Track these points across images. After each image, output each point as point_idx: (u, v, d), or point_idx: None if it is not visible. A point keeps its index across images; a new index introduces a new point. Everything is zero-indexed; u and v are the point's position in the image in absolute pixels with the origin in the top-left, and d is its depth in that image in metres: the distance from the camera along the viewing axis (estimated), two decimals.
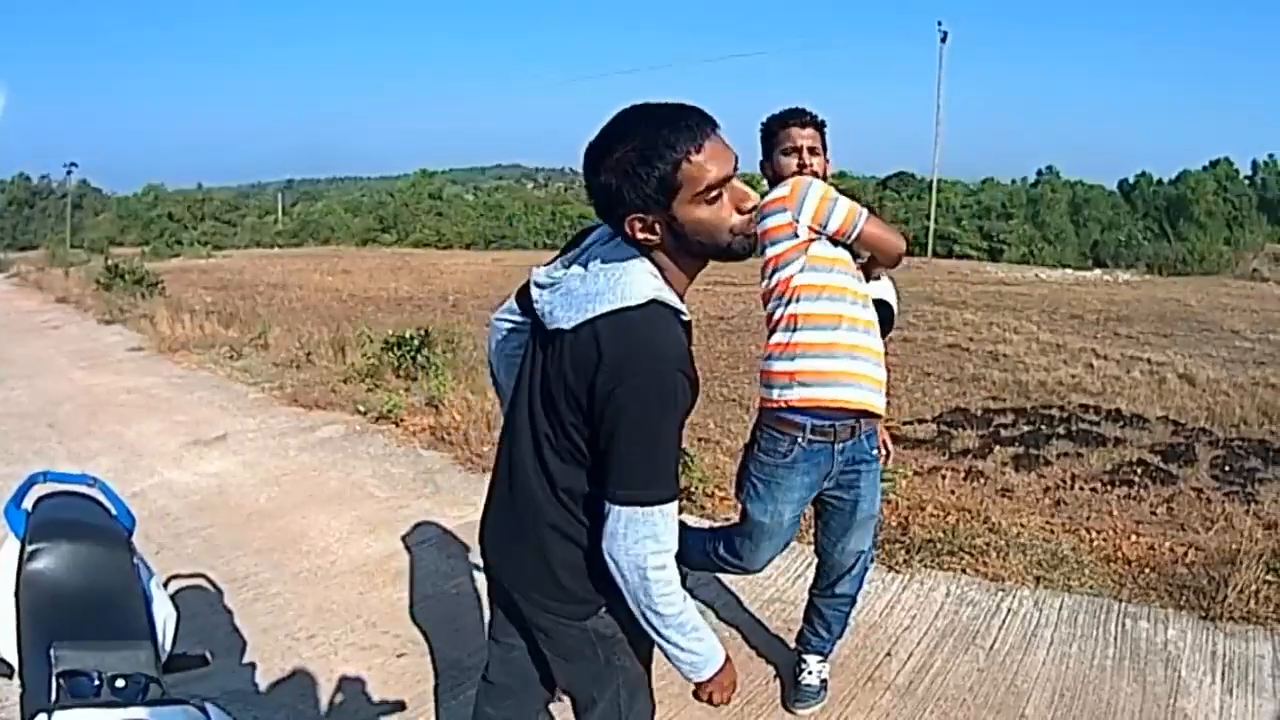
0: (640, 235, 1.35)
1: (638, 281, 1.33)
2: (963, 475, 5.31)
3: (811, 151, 2.42)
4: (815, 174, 2.38)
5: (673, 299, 1.36)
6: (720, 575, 3.32)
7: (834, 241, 2.33)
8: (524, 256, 26.24)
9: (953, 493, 4.64)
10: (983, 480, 5.27)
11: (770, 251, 2.38)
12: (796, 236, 2.32)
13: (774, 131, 2.44)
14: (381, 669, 2.89)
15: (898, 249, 2.41)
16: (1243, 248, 30.63)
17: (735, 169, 1.34)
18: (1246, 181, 49.11)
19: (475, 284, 16.55)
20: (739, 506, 2.56)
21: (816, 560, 2.66)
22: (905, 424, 6.72)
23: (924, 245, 31.36)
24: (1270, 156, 51.26)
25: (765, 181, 2.51)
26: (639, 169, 1.28)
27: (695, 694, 1.53)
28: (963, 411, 7.25)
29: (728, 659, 1.48)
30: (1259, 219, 44.69)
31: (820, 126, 2.47)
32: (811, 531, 2.80)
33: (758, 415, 2.45)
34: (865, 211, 2.32)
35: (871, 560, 2.74)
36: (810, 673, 2.69)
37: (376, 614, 3.25)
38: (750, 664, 2.96)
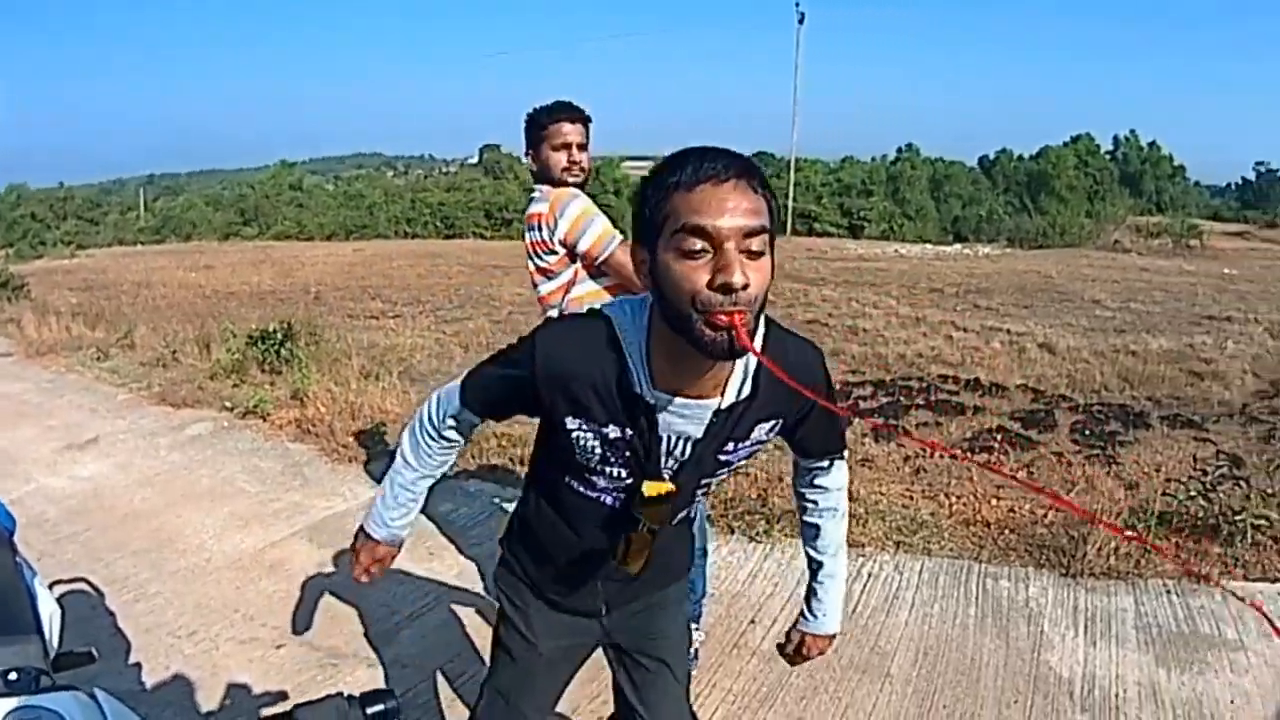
0: (642, 278, 1.48)
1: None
2: None
3: (580, 147, 3.00)
4: (583, 169, 2.99)
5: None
6: None
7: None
8: (384, 246, 28.84)
9: None
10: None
11: (535, 264, 3.04)
12: (554, 253, 2.97)
13: (543, 125, 2.99)
14: (262, 661, 3.43)
15: (639, 283, 2.86)
16: (1103, 220, 34.52)
17: (744, 236, 1.34)
18: (1108, 156, 56.25)
19: (336, 275, 17.72)
20: None
21: None
22: None
23: (784, 224, 33.79)
24: (1132, 132, 59.49)
25: (531, 175, 3.09)
26: (643, 190, 1.42)
27: (797, 650, 2.07)
28: None
29: None
30: (1120, 192, 51.00)
31: (587, 121, 3.04)
32: None
33: None
34: (619, 237, 2.92)
35: (707, 516, 3.47)
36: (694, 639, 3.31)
37: (254, 607, 3.83)
38: None
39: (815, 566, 1.96)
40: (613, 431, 1.60)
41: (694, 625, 3.25)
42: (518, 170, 49.65)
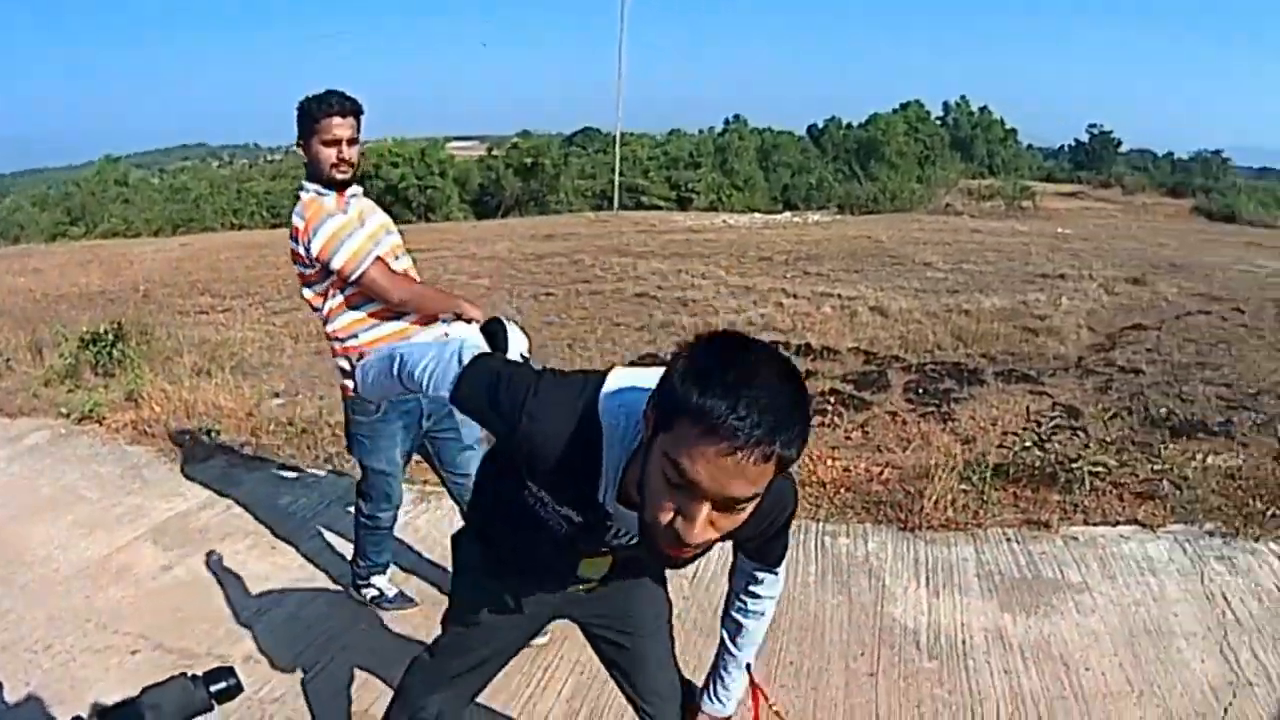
0: (648, 430, 1.52)
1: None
2: None
3: (350, 142, 3.29)
4: (351, 164, 3.30)
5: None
6: None
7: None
8: (211, 239, 27.88)
9: None
10: None
11: (297, 269, 3.39)
12: (310, 266, 3.29)
13: (315, 118, 3.25)
14: (119, 668, 3.59)
15: (391, 299, 3.35)
16: (935, 184, 36.38)
17: (736, 497, 1.41)
18: (939, 122, 59.60)
19: (165, 271, 17.62)
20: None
21: (450, 491, 3.85)
22: None
23: (611, 200, 35.15)
24: (963, 97, 63.24)
25: (304, 165, 3.39)
26: (680, 377, 1.42)
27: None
28: (653, 358, 8.44)
29: None
30: (951, 157, 54.02)
31: (359, 114, 3.34)
32: None
33: (342, 391, 3.56)
34: (372, 257, 3.27)
35: None
36: None
37: (105, 615, 3.98)
38: None
39: (728, 656, 2.25)
40: (565, 510, 1.82)
41: None
42: None
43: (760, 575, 2.12)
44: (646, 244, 17.23)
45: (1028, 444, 5.41)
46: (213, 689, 1.56)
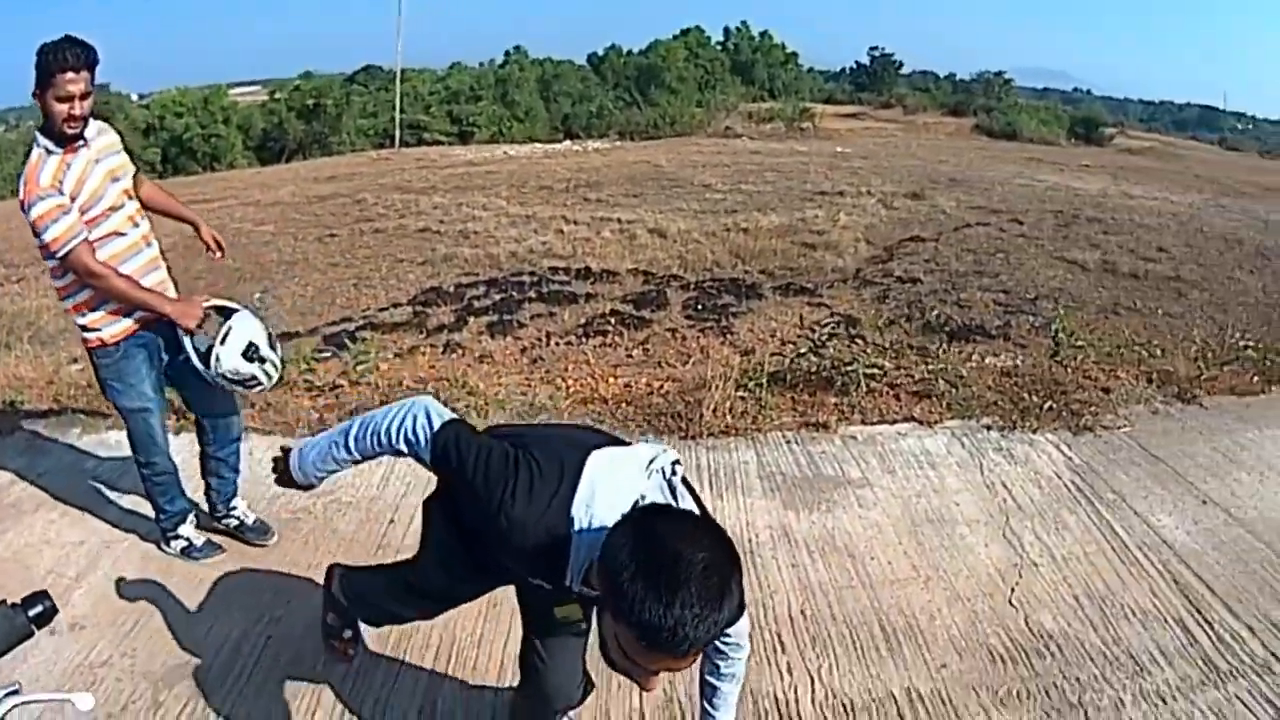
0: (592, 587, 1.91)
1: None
2: (441, 349, 6.59)
3: (83, 97, 3.31)
4: (82, 118, 3.34)
5: None
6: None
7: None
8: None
9: (432, 367, 5.92)
10: (461, 351, 6.55)
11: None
12: (38, 236, 3.34)
13: (50, 72, 3.26)
14: None
15: (87, 276, 3.42)
16: (715, 108, 37.08)
17: (683, 668, 1.77)
18: (719, 47, 60.66)
19: None
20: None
21: (199, 431, 3.91)
22: (381, 310, 8.05)
23: (393, 138, 34.63)
24: (743, 22, 64.37)
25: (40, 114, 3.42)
26: (629, 595, 1.64)
27: None
28: (436, 290, 8.61)
29: None
30: (732, 81, 55.08)
31: (93, 66, 3.35)
32: None
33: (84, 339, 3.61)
34: (79, 240, 3.34)
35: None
36: (244, 513, 4.04)
37: None
38: None
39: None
40: (534, 580, 2.10)
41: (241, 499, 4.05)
42: (128, 110, 45.51)
43: (725, 645, 2.29)
44: (428, 179, 17.09)
45: (803, 351, 5.68)
46: (31, 614, 1.65)
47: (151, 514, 3.89)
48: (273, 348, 3.46)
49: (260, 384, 3.48)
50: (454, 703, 3.07)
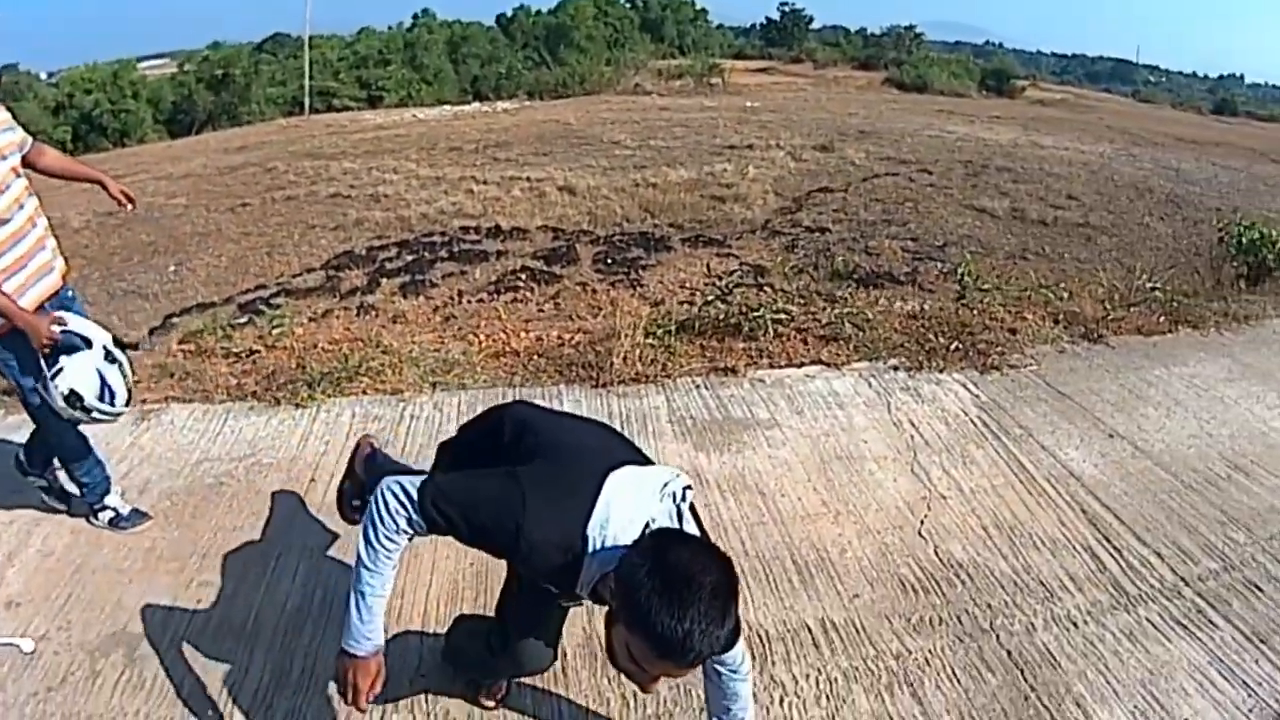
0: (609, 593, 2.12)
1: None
2: (355, 312, 6.59)
3: None
4: None
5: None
6: None
7: None
8: None
9: (347, 329, 5.95)
10: (375, 313, 6.55)
11: None
12: None
13: None
14: None
15: None
16: (624, 66, 36.95)
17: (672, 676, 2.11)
18: (627, 5, 60.37)
19: None
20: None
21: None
22: (295, 276, 7.99)
23: (303, 105, 34.23)
24: None
25: None
26: (645, 609, 1.93)
27: None
28: (349, 254, 8.59)
29: None
30: (641, 39, 54.88)
31: None
32: None
33: None
34: None
35: None
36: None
37: None
38: None
39: None
40: (544, 583, 2.32)
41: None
42: (38, 89, 43.91)
43: (721, 668, 2.49)
44: (338, 145, 16.88)
45: (710, 299, 5.73)
46: None
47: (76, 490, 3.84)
48: (106, 397, 3.33)
49: (97, 421, 3.39)
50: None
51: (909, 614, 3.35)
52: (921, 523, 3.89)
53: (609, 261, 7.70)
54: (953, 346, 5.65)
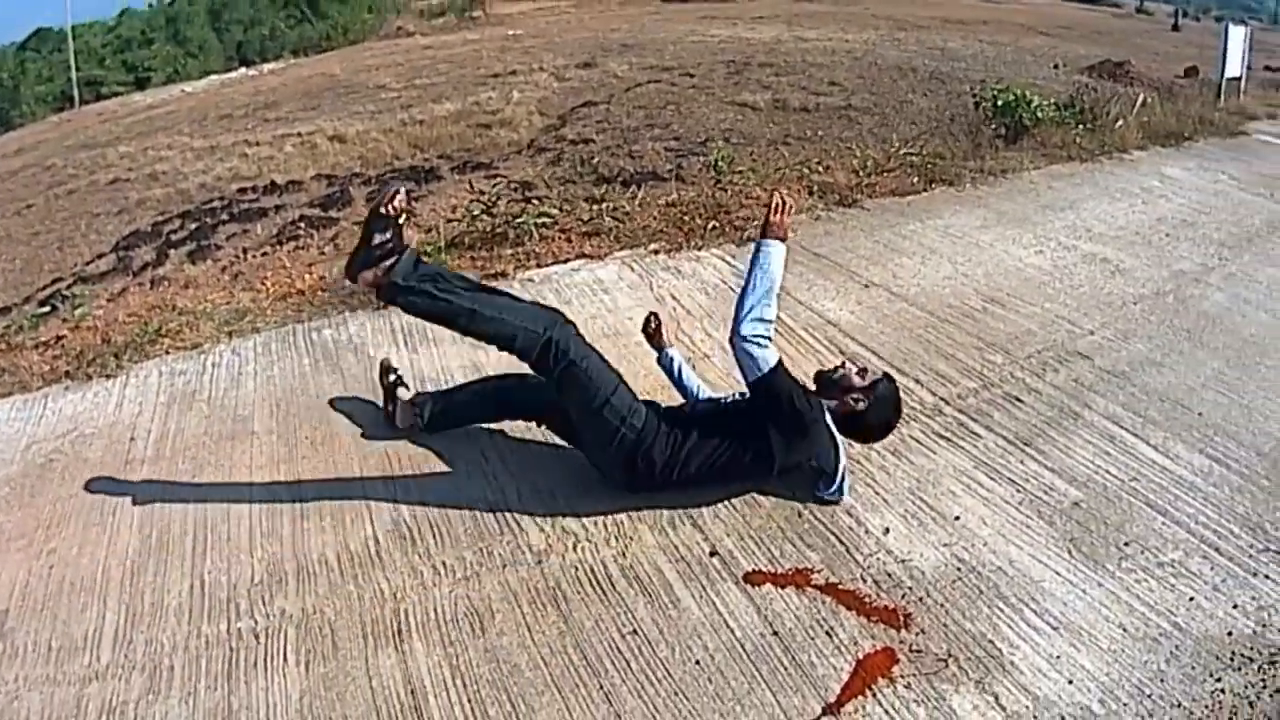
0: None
1: None
2: (149, 285, 6.77)
3: None
4: None
5: None
6: None
7: None
8: None
9: (144, 301, 6.08)
10: (167, 283, 6.74)
11: None
12: None
13: None
14: None
15: None
16: (385, 12, 36.37)
17: None
18: None
19: None
20: None
21: None
22: (88, 264, 8.09)
23: (72, 98, 33.20)
24: None
25: None
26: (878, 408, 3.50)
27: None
28: (136, 234, 8.68)
29: None
30: None
31: None
32: None
33: None
34: None
35: None
36: None
37: None
38: None
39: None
40: None
41: None
42: None
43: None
44: (111, 131, 16.44)
45: (476, 214, 6.17)
46: None
47: None
48: None
49: None
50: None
51: None
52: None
53: None
54: (710, 226, 6.13)
